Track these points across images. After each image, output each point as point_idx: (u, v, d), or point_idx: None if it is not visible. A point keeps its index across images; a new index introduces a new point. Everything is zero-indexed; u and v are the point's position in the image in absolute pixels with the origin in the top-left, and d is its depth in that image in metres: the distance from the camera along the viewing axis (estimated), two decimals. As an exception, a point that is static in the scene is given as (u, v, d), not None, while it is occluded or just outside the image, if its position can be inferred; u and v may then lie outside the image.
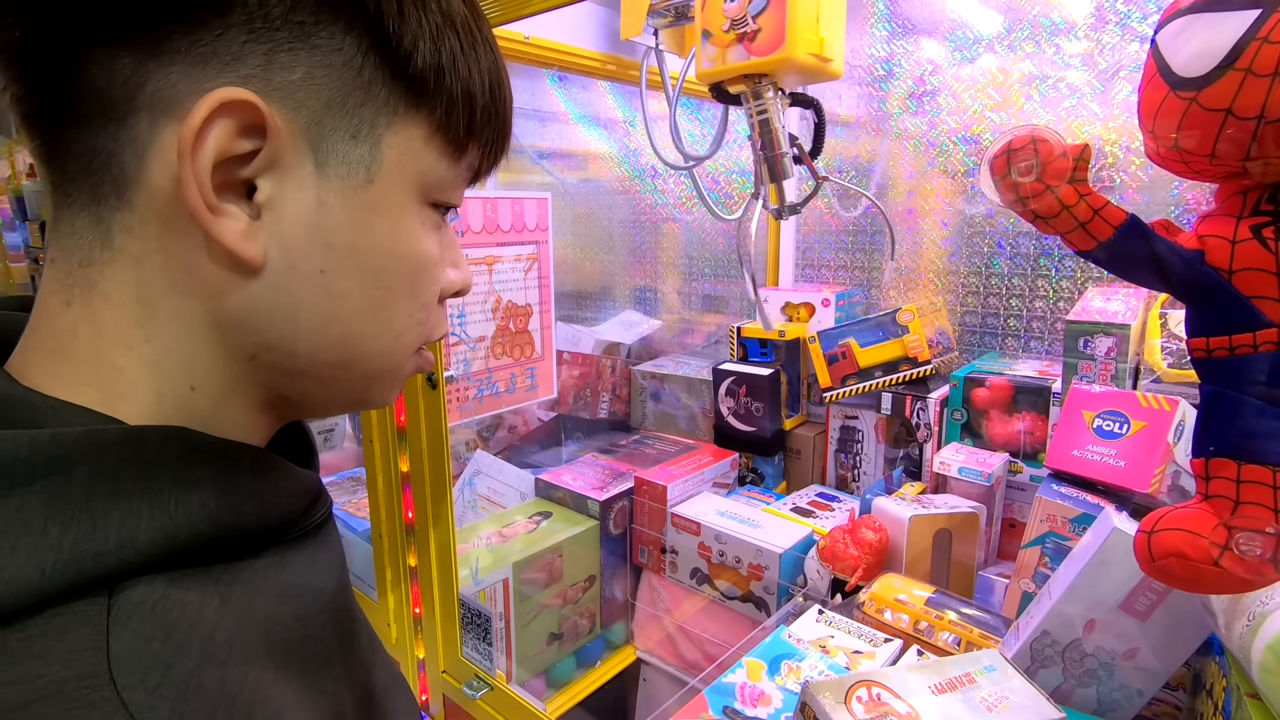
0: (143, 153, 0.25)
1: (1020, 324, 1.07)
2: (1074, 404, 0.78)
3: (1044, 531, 0.74)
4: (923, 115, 1.11)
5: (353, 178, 0.27)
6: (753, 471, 1.21)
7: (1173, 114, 0.37)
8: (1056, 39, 0.97)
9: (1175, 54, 0.36)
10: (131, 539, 0.23)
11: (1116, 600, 0.60)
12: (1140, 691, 0.61)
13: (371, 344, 0.30)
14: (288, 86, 0.25)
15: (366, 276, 0.29)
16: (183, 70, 0.24)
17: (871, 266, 1.22)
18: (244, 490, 0.27)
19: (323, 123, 0.26)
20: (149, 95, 0.24)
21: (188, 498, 0.24)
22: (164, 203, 0.25)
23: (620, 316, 1.59)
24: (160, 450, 0.24)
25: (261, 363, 0.28)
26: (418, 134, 0.29)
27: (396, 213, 0.29)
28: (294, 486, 0.29)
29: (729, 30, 0.74)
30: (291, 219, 0.27)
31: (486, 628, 0.92)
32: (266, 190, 0.26)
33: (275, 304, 0.27)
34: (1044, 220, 0.40)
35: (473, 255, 0.97)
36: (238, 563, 0.26)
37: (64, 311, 0.26)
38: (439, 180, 0.30)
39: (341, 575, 0.32)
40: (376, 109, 0.27)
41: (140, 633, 0.22)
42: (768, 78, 0.76)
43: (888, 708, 0.52)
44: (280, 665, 0.25)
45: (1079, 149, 0.39)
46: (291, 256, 0.27)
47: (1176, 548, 0.39)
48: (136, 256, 0.26)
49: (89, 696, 0.20)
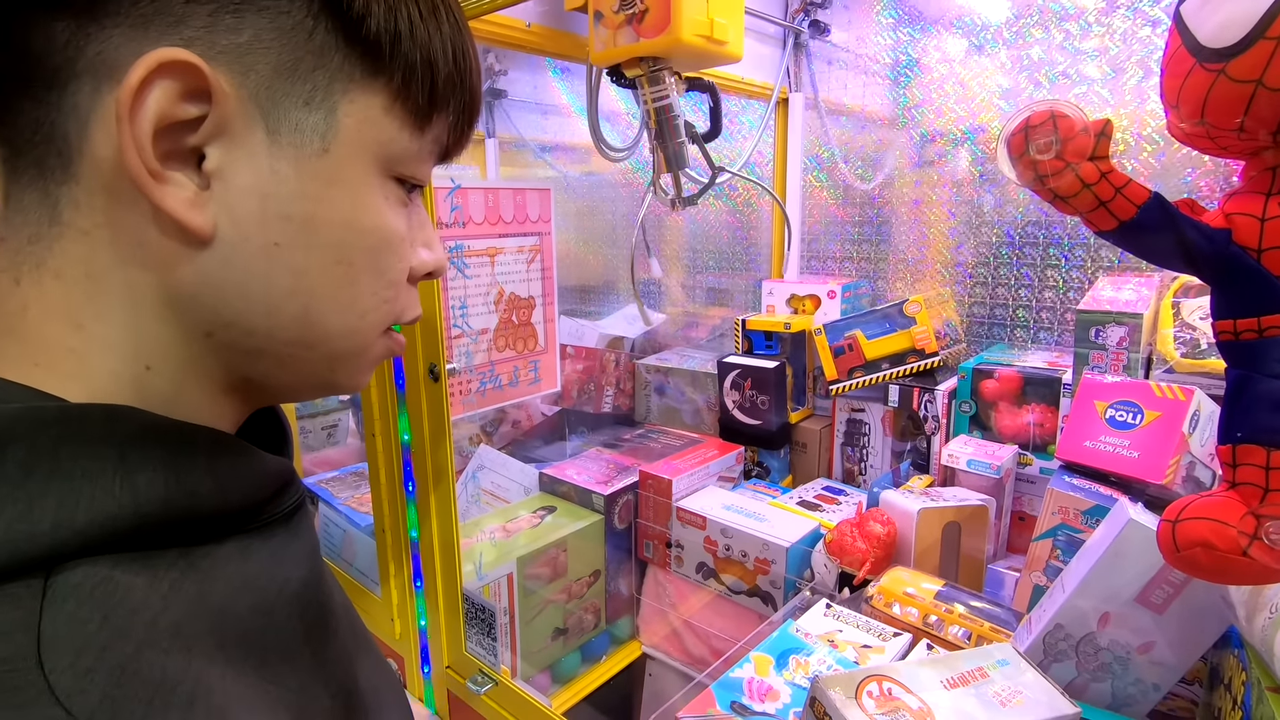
0: (85, 121, 0.24)
1: (1029, 314, 1.05)
2: (1086, 394, 0.77)
3: (1056, 524, 0.73)
4: (929, 104, 1.09)
5: (307, 146, 0.26)
6: (758, 465, 1.20)
7: (1199, 87, 0.35)
8: (1066, 24, 0.96)
9: (1201, 24, 0.35)
10: (69, 519, 0.22)
11: (1132, 593, 0.59)
12: (1156, 686, 0.60)
13: (334, 322, 0.29)
14: (234, 49, 0.24)
15: (325, 251, 0.28)
16: (123, 33, 0.23)
17: (878, 258, 1.20)
18: (199, 471, 0.25)
19: (273, 88, 0.25)
20: (89, 60, 0.23)
21: (135, 478, 0.23)
22: (109, 173, 0.24)
23: (623, 310, 1.58)
24: (104, 428, 0.23)
25: (219, 341, 0.27)
26: (377, 103, 0.28)
27: (356, 185, 0.28)
28: (257, 469, 0.28)
29: (619, 11, 0.71)
30: (243, 188, 0.26)
31: (491, 623, 0.91)
32: (216, 158, 0.25)
33: (228, 278, 0.26)
34: (1063, 199, 0.38)
35: (474, 247, 0.95)
36: (197, 548, 0.25)
37: (13, 290, 0.25)
38: (401, 153, 0.29)
39: (314, 566, 0.31)
40: (331, 75, 0.26)
41: (76, 615, 0.21)
42: (661, 61, 0.73)
43: (899, 703, 0.51)
44: (233, 658, 0.24)
45: (1100, 124, 0.37)
46: (244, 228, 0.26)
47: (1203, 537, 0.37)
48: (85, 231, 0.25)
49: (13, 680, 0.19)
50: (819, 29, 1.18)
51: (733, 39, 0.72)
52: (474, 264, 0.96)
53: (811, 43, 1.20)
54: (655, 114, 0.77)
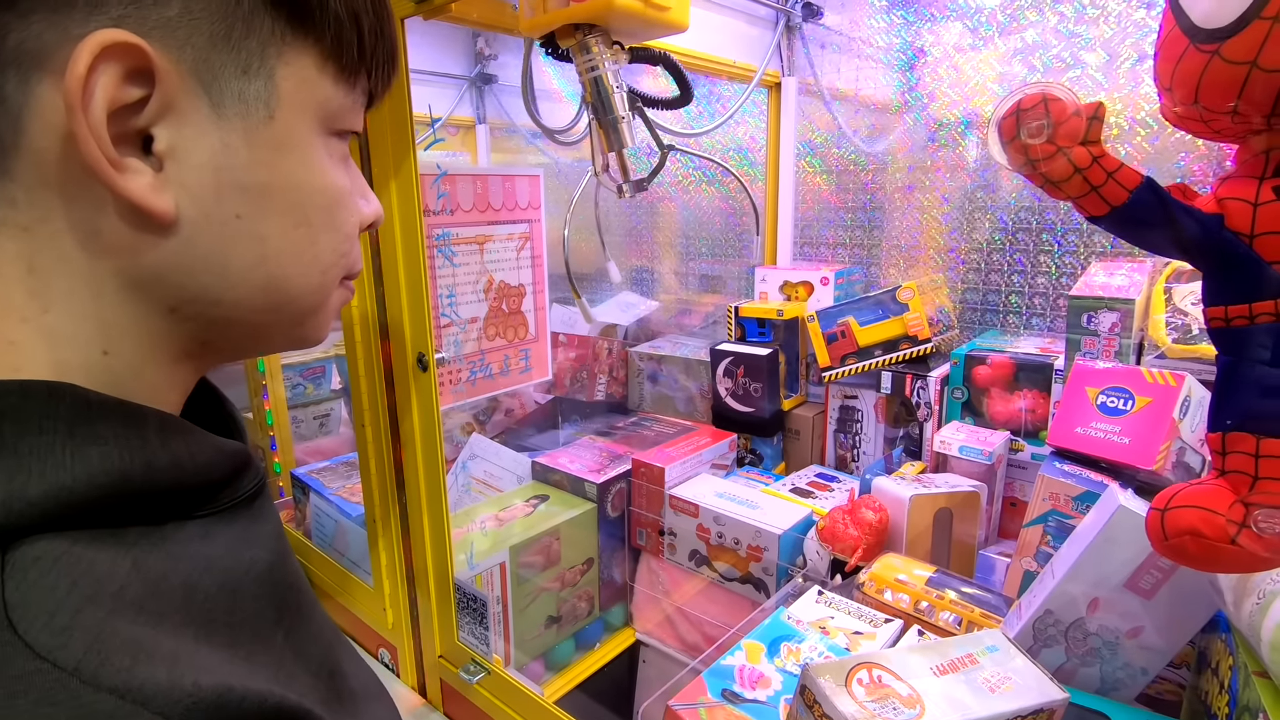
0: (17, 115, 0.23)
1: (1022, 300, 1.05)
2: (1077, 380, 0.77)
3: (1046, 510, 0.73)
4: (924, 89, 1.08)
5: (253, 115, 0.26)
6: (751, 452, 1.20)
7: (1192, 69, 0.35)
8: (1061, 7, 0.95)
9: (1195, 4, 0.34)
10: (21, 492, 0.21)
11: (1121, 579, 0.59)
12: (1144, 670, 0.61)
13: (299, 284, 0.29)
14: (166, 24, 0.24)
15: (285, 215, 0.28)
16: (45, 18, 0.22)
17: (871, 244, 1.20)
18: (153, 445, 0.25)
19: (210, 60, 0.25)
20: (11, 51, 0.22)
21: (86, 450, 0.23)
22: (51, 166, 0.24)
23: (617, 298, 1.57)
24: (48, 404, 0.23)
25: (183, 315, 0.27)
26: (309, 62, 0.28)
27: (303, 147, 0.28)
28: (210, 446, 0.28)
29: None
30: (196, 166, 0.25)
31: (483, 612, 0.91)
32: (165, 138, 0.25)
33: (194, 256, 0.26)
34: (1054, 184, 0.38)
35: (463, 234, 0.94)
36: (157, 528, 0.25)
37: None
38: (339, 108, 0.29)
39: (279, 548, 0.31)
40: (264, 40, 0.26)
41: (40, 583, 0.20)
42: (596, 29, 0.67)
43: (889, 690, 0.51)
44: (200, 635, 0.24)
45: (1093, 107, 0.37)
46: (204, 205, 0.26)
47: (1191, 525, 0.37)
48: (25, 227, 0.24)
49: None
50: (812, 12, 1.16)
51: (675, 6, 0.66)
52: (462, 252, 0.95)
53: (804, 26, 1.18)
54: (589, 86, 0.70)
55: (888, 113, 1.13)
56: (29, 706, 0.18)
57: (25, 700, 0.18)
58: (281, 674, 0.27)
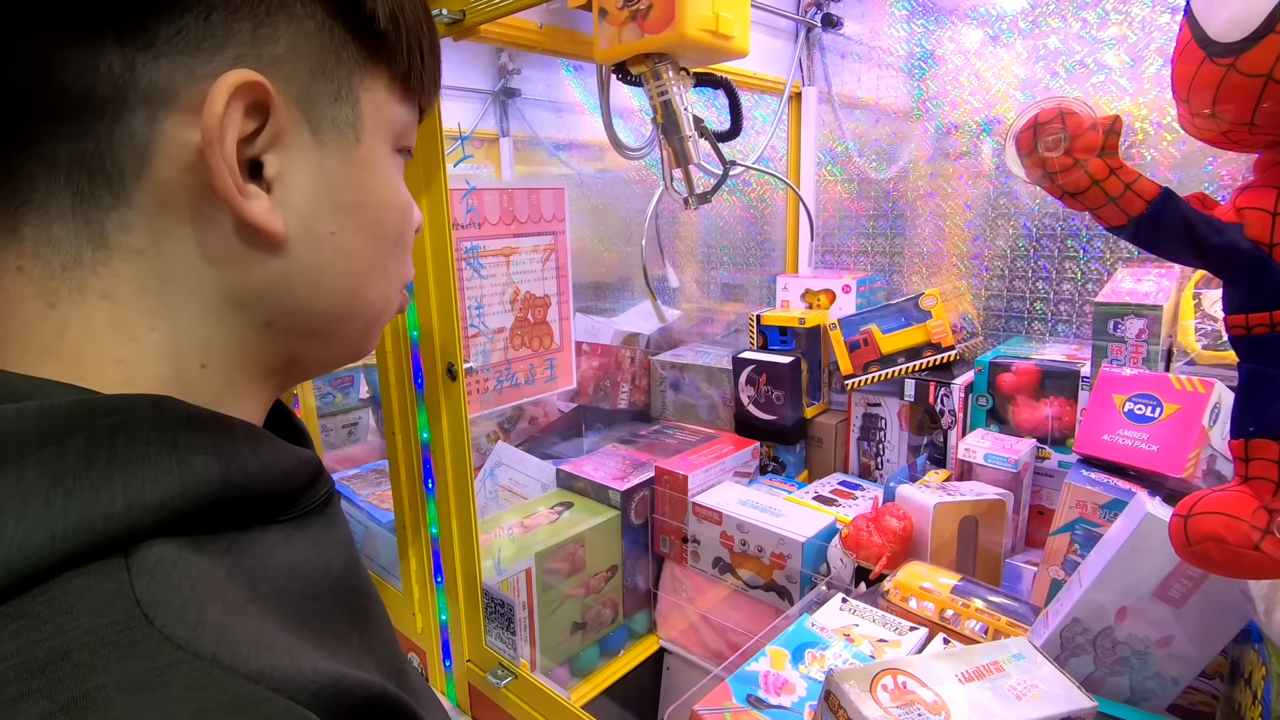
0: (143, 149, 0.25)
1: (1047, 307, 1.04)
2: (1104, 387, 0.76)
3: (1073, 518, 0.72)
4: (945, 96, 1.08)
5: (344, 139, 0.29)
6: (774, 460, 1.21)
7: (1209, 82, 0.35)
8: (1083, 13, 0.94)
9: (1211, 18, 0.35)
10: (139, 499, 0.22)
11: (1150, 587, 0.58)
12: (1175, 680, 0.60)
13: (375, 293, 0.32)
14: (276, 60, 0.26)
15: (367, 230, 0.30)
16: (172, 60, 0.24)
17: (893, 251, 1.20)
18: (245, 454, 0.26)
19: (310, 90, 0.27)
20: (143, 91, 0.24)
21: (189, 460, 0.24)
22: (172, 194, 0.25)
23: (639, 307, 1.59)
24: (153, 416, 0.24)
25: (277, 328, 0.29)
26: (382, 86, 0.30)
27: (381, 166, 0.30)
28: (293, 455, 0.29)
29: (623, 8, 0.71)
30: (300, 189, 0.28)
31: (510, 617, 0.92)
32: (274, 165, 0.27)
33: (294, 272, 0.28)
34: (1072, 196, 0.38)
35: (490, 247, 0.97)
36: (245, 534, 0.26)
37: (47, 314, 0.25)
38: (404, 127, 0.32)
39: (350, 554, 0.32)
40: (350, 69, 0.28)
41: (167, 582, 0.21)
42: (667, 57, 0.74)
43: (914, 696, 0.52)
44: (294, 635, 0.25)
45: (1109, 120, 0.37)
46: (306, 224, 0.28)
47: (1214, 532, 0.37)
48: (138, 251, 0.26)
49: (130, 636, 0.20)
50: (831, 22, 1.17)
51: (739, 34, 0.72)
52: (490, 264, 0.97)
53: (824, 36, 1.19)
54: (660, 109, 0.78)
55: (908, 120, 1.13)
56: (179, 692, 0.19)
57: (174, 686, 0.19)
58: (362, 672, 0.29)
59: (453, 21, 0.73)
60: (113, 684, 0.19)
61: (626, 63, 0.75)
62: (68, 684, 0.18)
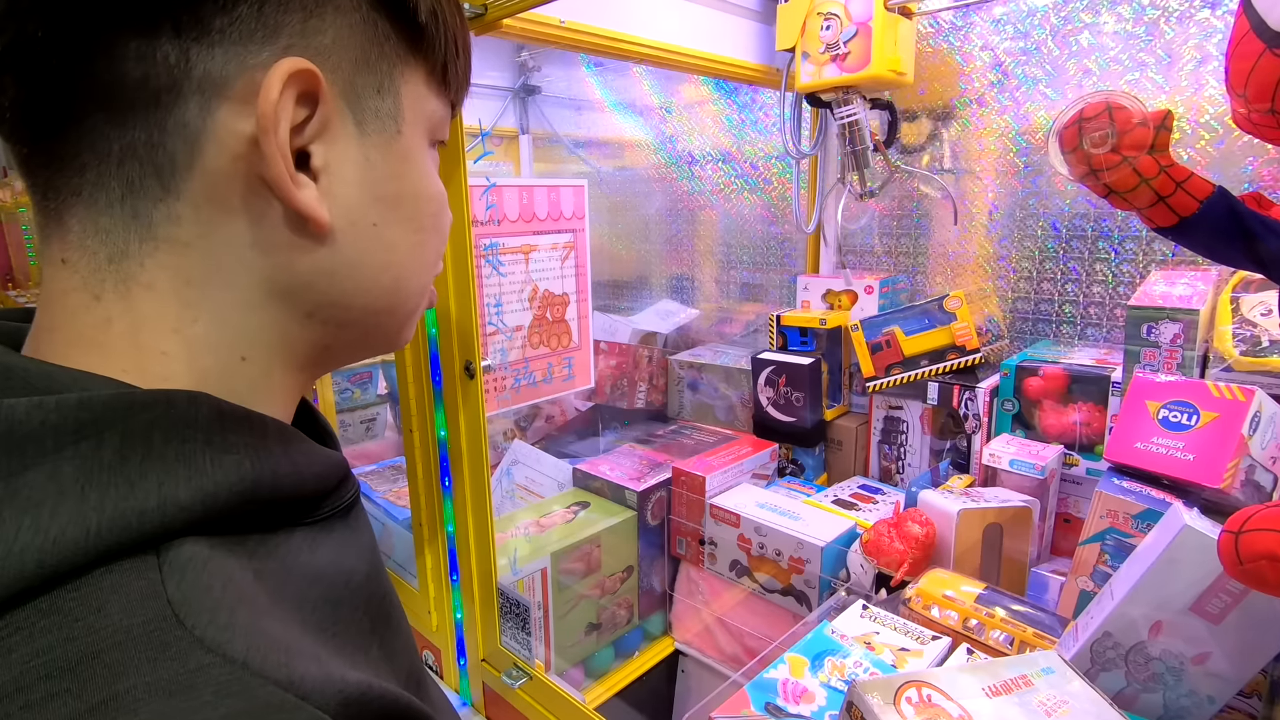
0: (195, 139, 0.25)
1: (1076, 310, 1.02)
2: (1137, 394, 0.74)
3: (1104, 528, 0.70)
4: (971, 94, 1.06)
5: (386, 131, 0.29)
6: (793, 463, 1.19)
7: (1268, 74, 0.33)
8: (1117, 8, 0.92)
9: (1271, 8, 0.33)
10: (173, 497, 0.22)
11: (1186, 602, 0.56)
12: (1211, 698, 0.58)
13: (413, 284, 0.32)
14: (323, 50, 0.26)
15: (408, 222, 0.30)
16: (225, 50, 0.24)
17: (917, 252, 1.18)
18: (276, 454, 0.26)
19: (354, 81, 0.27)
20: (196, 80, 0.24)
21: (223, 459, 0.24)
22: (222, 184, 0.25)
23: (656, 306, 1.58)
24: (189, 413, 0.24)
25: (318, 319, 0.29)
26: (420, 79, 0.30)
27: (419, 158, 0.31)
28: (323, 457, 0.29)
29: (824, 53, 0.96)
30: (345, 179, 0.28)
31: (525, 617, 0.92)
32: (320, 155, 0.27)
33: (338, 262, 0.28)
34: (1119, 195, 0.37)
35: (509, 244, 0.96)
36: (271, 536, 0.26)
37: (92, 306, 0.25)
38: (440, 120, 0.32)
39: (372, 560, 0.32)
40: (392, 62, 0.29)
41: (198, 582, 0.21)
42: (854, 88, 0.98)
43: (939, 710, 0.50)
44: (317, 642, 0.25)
45: (1160, 115, 0.36)
46: (350, 215, 0.28)
47: (1269, 550, 0.36)
48: (185, 243, 0.26)
49: (161, 638, 0.20)
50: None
51: (909, 70, 0.97)
52: (508, 261, 0.96)
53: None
54: (846, 127, 1.00)
55: (935, 118, 1.11)
56: (209, 697, 0.19)
57: (204, 691, 0.19)
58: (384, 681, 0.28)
59: (474, 16, 0.73)
60: (143, 686, 0.19)
61: (818, 92, 1.00)
62: (97, 685, 0.18)
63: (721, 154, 1.41)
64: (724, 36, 1.07)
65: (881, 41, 0.92)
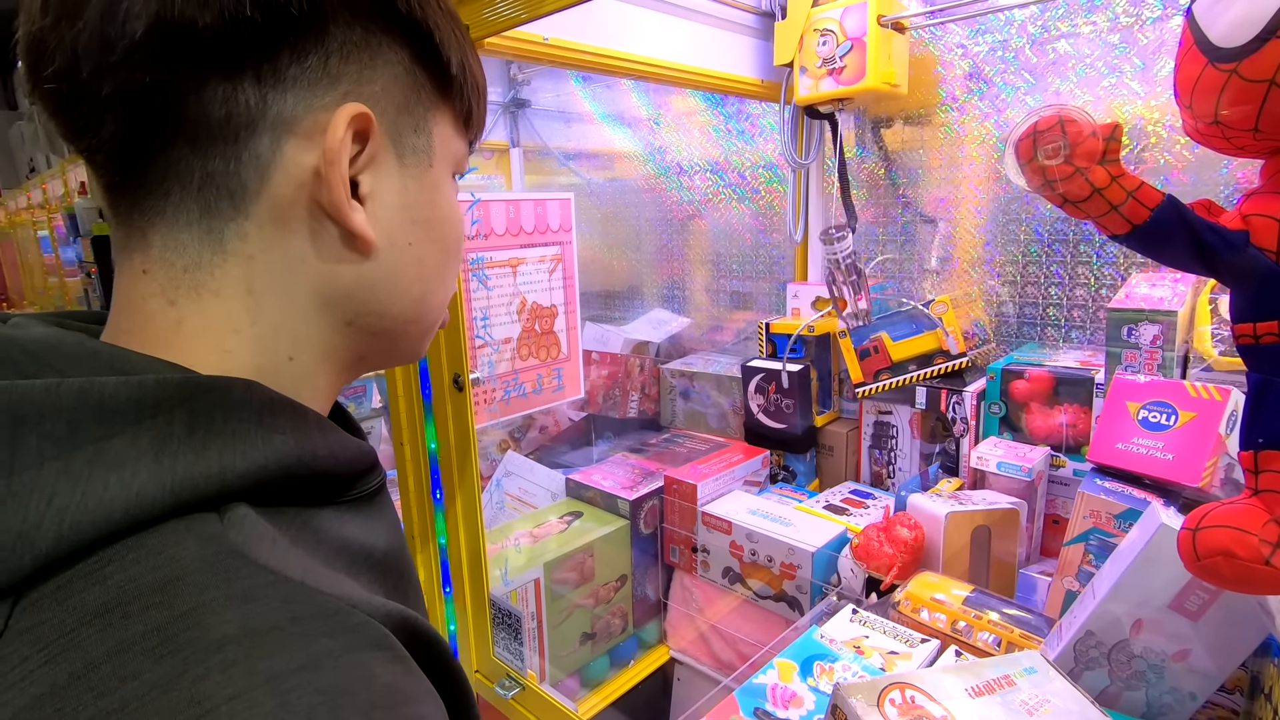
0: (265, 168, 0.29)
1: (1060, 313, 1.03)
2: (1117, 395, 0.75)
3: (1087, 528, 0.71)
4: (953, 101, 1.08)
5: (420, 164, 0.33)
6: (784, 469, 1.20)
7: (1212, 87, 0.35)
8: (1093, 16, 0.93)
9: (1212, 23, 0.34)
10: (232, 465, 0.26)
11: (1166, 599, 0.57)
12: (1193, 695, 0.59)
13: (437, 298, 0.37)
14: (373, 96, 0.31)
15: (436, 243, 0.35)
16: (296, 94, 0.29)
17: (903, 259, 1.19)
18: (315, 438, 0.30)
19: (397, 122, 0.32)
20: (270, 119, 0.28)
21: (272, 438, 0.28)
22: (285, 207, 0.30)
23: (649, 315, 1.59)
24: (244, 397, 0.28)
25: (356, 327, 0.33)
26: (449, 121, 0.35)
27: (445, 188, 0.36)
28: (355, 445, 0.33)
29: (821, 67, 1.02)
30: (387, 205, 0.32)
31: (518, 628, 0.92)
32: (368, 183, 0.31)
33: (377, 276, 0.33)
34: (1074, 204, 0.38)
35: (496, 258, 0.97)
36: (306, 509, 0.29)
37: (167, 310, 0.29)
38: (462, 156, 0.37)
39: (393, 539, 0.35)
40: (426, 106, 0.33)
41: (254, 532, 0.25)
42: (850, 100, 1.05)
43: (922, 711, 0.51)
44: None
45: (1109, 128, 0.37)
46: (390, 235, 0.33)
47: (1224, 546, 0.36)
48: (250, 256, 0.30)
49: (232, 564, 0.24)
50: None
51: (903, 82, 1.03)
52: (495, 275, 0.97)
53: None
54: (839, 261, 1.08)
55: (919, 124, 1.12)
56: (278, 604, 0.23)
57: (274, 599, 0.23)
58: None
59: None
60: (223, 597, 0.23)
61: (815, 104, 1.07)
62: (184, 597, 0.22)
63: (710, 164, 1.42)
64: (724, 53, 1.10)
65: (876, 55, 0.97)
